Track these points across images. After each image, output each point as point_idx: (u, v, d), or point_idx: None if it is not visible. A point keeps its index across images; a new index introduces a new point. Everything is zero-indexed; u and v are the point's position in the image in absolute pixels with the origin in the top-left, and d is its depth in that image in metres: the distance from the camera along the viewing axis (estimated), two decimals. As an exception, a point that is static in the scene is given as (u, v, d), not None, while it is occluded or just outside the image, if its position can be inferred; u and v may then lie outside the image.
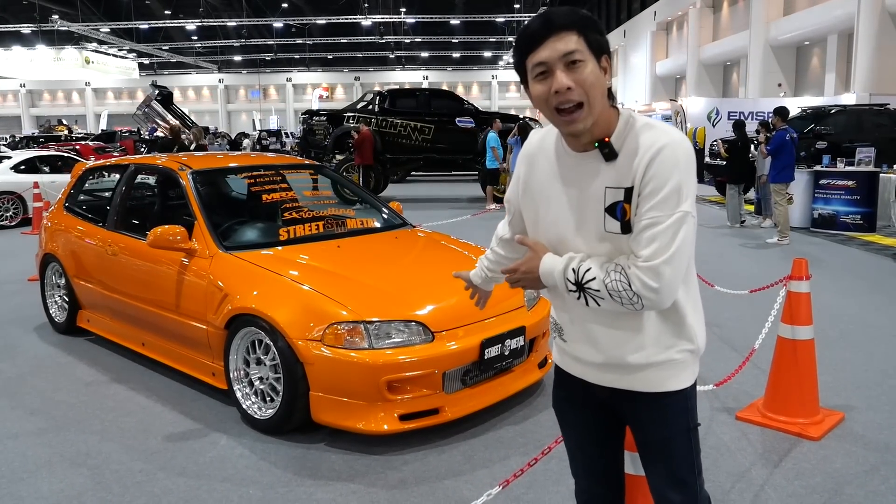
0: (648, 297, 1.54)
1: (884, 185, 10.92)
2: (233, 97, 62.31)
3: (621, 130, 1.60)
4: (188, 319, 4.18)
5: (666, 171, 1.53)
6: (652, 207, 1.53)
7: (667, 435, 1.75)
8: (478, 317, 3.76)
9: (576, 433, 1.93)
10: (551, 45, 1.54)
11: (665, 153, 1.54)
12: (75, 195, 5.86)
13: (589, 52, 1.55)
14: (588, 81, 1.54)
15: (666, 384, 1.72)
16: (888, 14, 19.63)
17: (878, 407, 4.01)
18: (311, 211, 4.88)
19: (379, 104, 15.58)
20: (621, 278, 1.55)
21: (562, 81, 1.54)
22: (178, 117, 27.39)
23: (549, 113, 1.59)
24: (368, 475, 3.28)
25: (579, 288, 1.61)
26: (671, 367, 1.71)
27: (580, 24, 1.55)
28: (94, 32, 44.33)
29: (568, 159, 1.68)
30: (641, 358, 1.69)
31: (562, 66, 1.54)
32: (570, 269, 1.62)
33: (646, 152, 1.55)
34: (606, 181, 1.60)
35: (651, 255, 1.53)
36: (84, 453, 3.54)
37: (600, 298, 1.59)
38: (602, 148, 1.60)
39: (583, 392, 1.83)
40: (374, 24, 48.76)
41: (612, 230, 1.60)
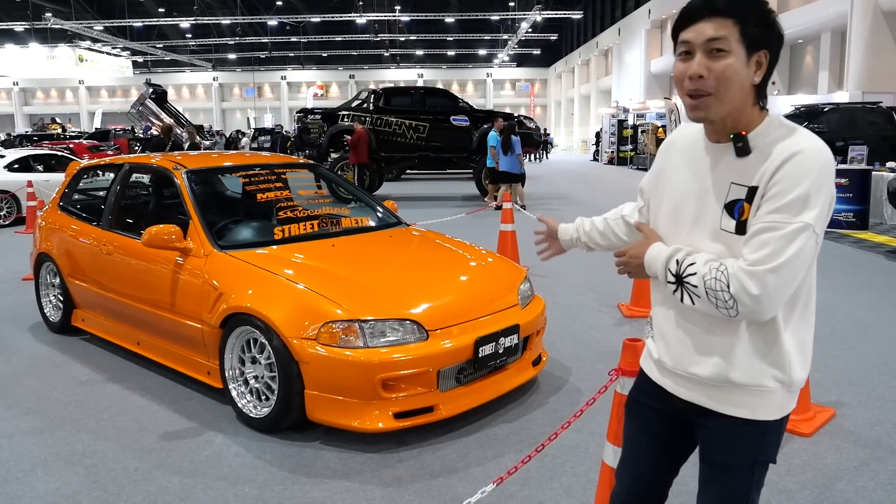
0: (745, 303, 1.46)
1: (876, 182, 10.98)
2: (227, 95, 62.17)
3: (762, 130, 1.54)
4: (183, 318, 4.19)
5: (796, 176, 1.45)
6: (772, 211, 1.46)
7: (730, 462, 1.65)
8: (472, 315, 3.80)
9: (638, 438, 1.85)
10: (701, 26, 1.50)
11: (800, 157, 1.46)
12: (70, 194, 5.86)
13: (740, 43, 1.49)
14: (725, 74, 1.49)
15: (746, 410, 1.61)
16: (881, 13, 19.69)
17: (869, 403, 4.04)
18: (306, 210, 4.89)
19: (374, 102, 15.60)
20: (721, 277, 1.48)
21: (695, 68, 1.50)
22: (172, 116, 27.36)
23: (681, 94, 1.57)
24: (363, 473, 3.30)
25: (678, 281, 1.56)
26: (757, 393, 1.60)
27: (742, 11, 1.49)
28: (87, 30, 44.13)
29: (701, 150, 1.64)
30: (725, 376, 1.60)
31: (703, 51, 1.50)
32: (674, 260, 1.57)
33: (780, 153, 1.48)
34: (733, 177, 1.55)
35: (758, 260, 1.45)
36: (79, 452, 3.55)
37: (696, 296, 1.53)
38: (737, 141, 1.54)
39: (661, 400, 1.76)
40: (368, 22, 48.71)
41: (727, 228, 1.55)
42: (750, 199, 1.50)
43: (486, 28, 52.79)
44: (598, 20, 46.57)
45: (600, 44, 44.14)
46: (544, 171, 26.89)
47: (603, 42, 43.53)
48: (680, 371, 1.68)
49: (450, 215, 9.67)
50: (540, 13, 40.03)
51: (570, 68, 52.36)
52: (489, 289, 4.13)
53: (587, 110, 47.37)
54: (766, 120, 1.56)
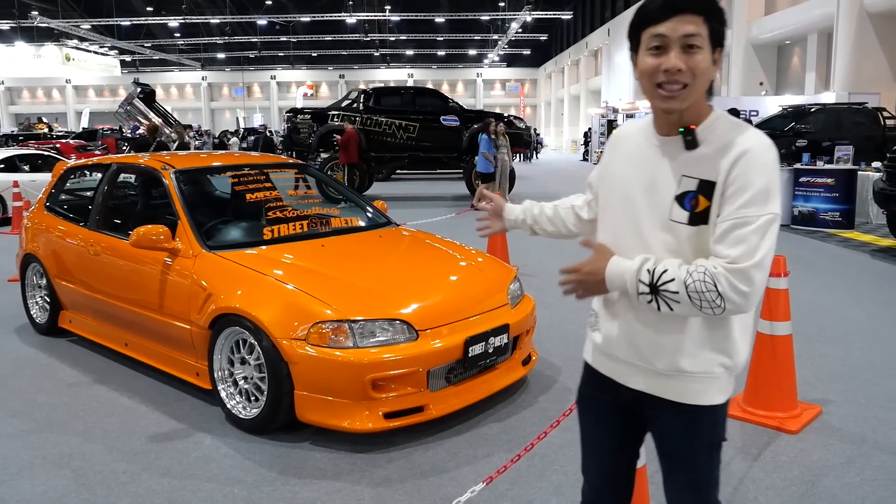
0: (735, 300, 1.49)
1: (862, 182, 11.07)
2: (216, 95, 61.89)
3: (709, 123, 1.61)
4: (172, 319, 4.17)
5: (755, 171, 1.51)
6: (740, 207, 1.51)
7: (692, 448, 1.70)
8: (462, 315, 3.80)
9: (595, 433, 1.87)
10: (677, 22, 1.54)
11: (755, 153, 1.53)
12: (56, 195, 5.82)
13: (708, 39, 1.56)
14: (699, 68, 1.55)
15: (698, 397, 1.66)
16: (866, 14, 19.85)
17: (855, 400, 4.08)
18: (296, 210, 4.88)
19: (364, 102, 15.58)
20: (706, 279, 1.49)
21: (674, 62, 1.54)
22: (160, 115, 27.23)
23: (650, 86, 1.60)
24: (353, 473, 3.30)
25: (653, 290, 1.55)
26: (706, 380, 1.66)
27: (709, 10, 1.55)
28: (74, 29, 43.88)
29: (648, 143, 1.68)
30: (677, 366, 1.64)
31: (679, 46, 1.54)
32: (645, 270, 1.57)
33: (735, 150, 1.54)
34: (683, 169, 1.60)
35: (739, 258, 1.48)
36: (67, 455, 3.53)
37: (675, 302, 1.53)
38: (686, 134, 1.59)
39: (609, 391, 1.78)
40: (358, 22, 48.66)
41: (678, 219, 1.59)
42: (706, 193, 1.56)
43: (476, 28, 52.84)
44: (587, 21, 46.67)
45: (590, 44, 44.24)
46: (534, 171, 26.94)
47: (592, 42, 43.63)
48: (632, 361, 1.71)
49: (439, 215, 9.68)
50: (530, 13, 40.11)
51: (560, 68, 52.46)
52: (479, 288, 4.14)
53: (577, 110, 47.47)
54: (713, 115, 1.62)
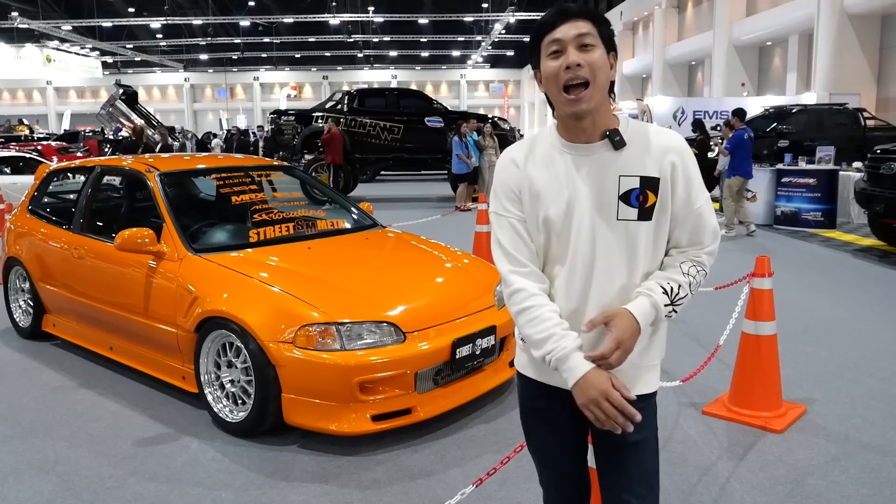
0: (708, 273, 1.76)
1: (843, 182, 11.20)
2: (199, 96, 61.51)
3: (624, 126, 1.72)
4: (157, 323, 4.14)
5: (692, 165, 1.71)
6: (692, 198, 1.71)
7: (644, 436, 1.75)
8: (449, 317, 3.81)
9: (550, 443, 1.88)
10: (568, 25, 1.66)
11: (686, 149, 1.72)
12: (39, 197, 5.76)
13: (600, 40, 1.67)
14: (597, 63, 1.65)
15: (647, 386, 1.78)
16: (846, 16, 20.09)
17: (839, 399, 4.12)
18: (282, 212, 4.86)
19: (348, 104, 15.55)
20: (700, 269, 1.73)
21: (573, 57, 1.64)
22: (143, 117, 27.00)
23: (556, 92, 1.67)
24: (341, 476, 3.29)
25: (672, 305, 1.70)
26: (651, 369, 1.79)
27: (594, 16, 1.69)
28: (55, 30, 43.42)
29: (568, 155, 1.72)
30: (630, 361, 1.69)
31: (574, 45, 1.65)
32: (659, 296, 1.69)
33: (668, 148, 1.70)
34: (619, 170, 1.68)
35: (711, 240, 1.75)
36: (52, 460, 3.49)
37: (682, 306, 1.72)
38: (612, 136, 1.68)
39: (556, 398, 1.78)
40: (341, 23, 48.50)
41: (627, 217, 1.68)
42: (652, 188, 1.68)
43: (459, 29, 52.82)
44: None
45: (573, 45, 44.39)
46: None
47: (576, 43, 43.79)
48: None
49: (425, 216, 9.68)
50: (513, 14, 40.18)
51: (544, 69, 52.57)
52: (465, 290, 4.14)
53: (561, 111, 47.59)
54: (621, 117, 1.75)
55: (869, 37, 20.46)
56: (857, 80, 19.97)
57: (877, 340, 5.24)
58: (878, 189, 8.42)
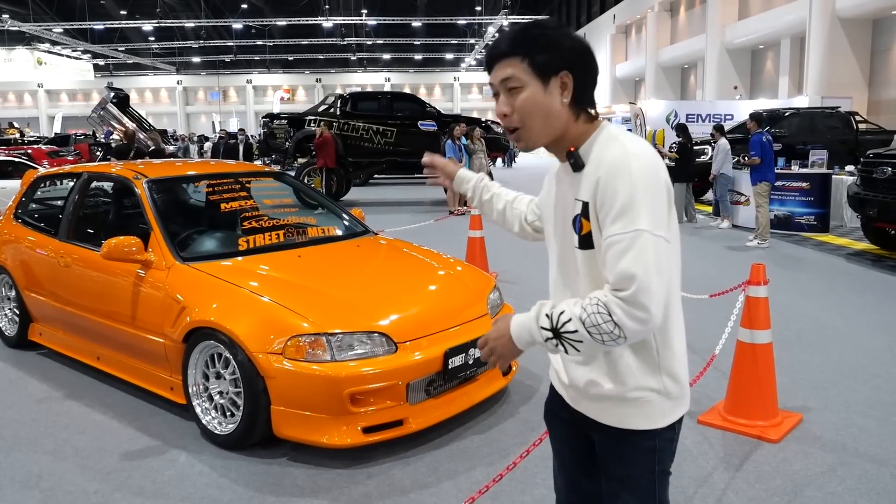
0: (632, 328, 1.41)
1: (836, 186, 11.20)
2: (192, 99, 61.36)
3: (589, 143, 1.57)
4: (145, 333, 4.08)
5: (618, 184, 1.44)
6: (609, 225, 1.45)
7: (628, 473, 1.66)
8: (441, 326, 3.75)
9: (560, 450, 1.86)
10: (496, 70, 1.60)
11: (617, 164, 1.46)
12: (26, 203, 5.69)
13: (533, 75, 1.54)
14: (524, 108, 1.56)
15: (630, 421, 1.61)
16: (838, 19, 20.17)
17: (835, 408, 4.09)
18: (272, 220, 4.80)
19: (341, 107, 15.49)
20: (599, 310, 1.42)
21: (499, 107, 1.61)
22: (135, 120, 26.89)
23: None
24: (332, 490, 3.23)
25: (556, 335, 1.48)
26: (635, 404, 1.60)
27: (526, 47, 1.54)
28: (46, 33, 43.22)
29: (559, 170, 1.70)
30: (601, 390, 1.61)
31: (503, 90, 1.59)
32: (543, 316, 1.50)
33: (600, 165, 1.50)
34: (575, 192, 1.58)
35: (617, 282, 1.41)
36: (36, 475, 3.42)
37: (578, 342, 1.46)
38: (569, 157, 1.59)
39: (564, 408, 1.77)
40: (335, 26, 48.48)
41: (574, 244, 1.58)
42: (586, 214, 1.53)
43: (452, 32, 52.86)
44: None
45: (566, 48, 44.47)
46: (512, 175, 26.96)
47: (568, 46, 43.87)
48: (567, 383, 1.72)
49: (418, 222, 9.63)
50: (506, 17, 40.21)
51: (537, 72, 52.66)
52: (458, 299, 4.09)
53: (554, 114, 47.68)
54: (595, 132, 1.58)
55: (860, 40, 20.55)
56: (848, 84, 20.05)
57: (871, 347, 5.21)
58: (872, 193, 8.41)
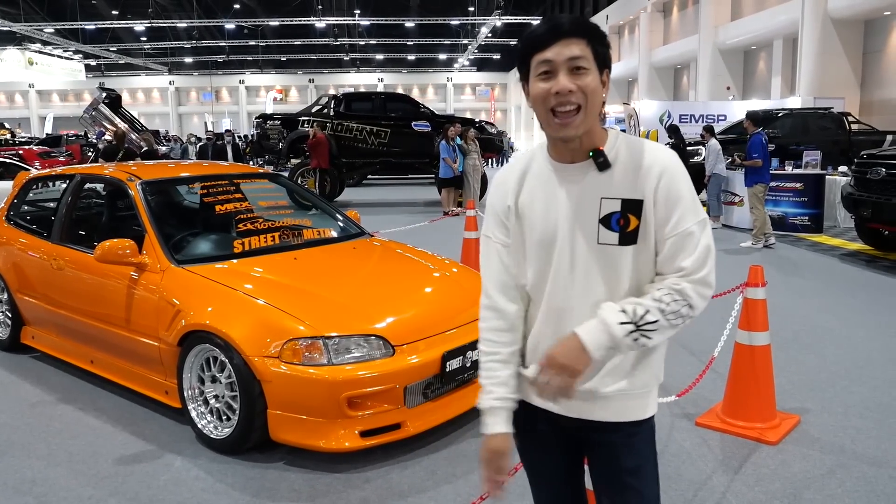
0: (700, 306, 1.57)
1: (829, 186, 11.24)
2: (184, 100, 61.13)
3: (612, 143, 1.62)
4: (139, 336, 4.04)
5: (680, 184, 1.57)
6: (678, 220, 1.56)
7: (639, 463, 1.70)
8: (438, 328, 3.73)
9: (540, 466, 1.85)
10: (559, 47, 1.55)
11: (675, 167, 1.59)
12: (18, 206, 5.64)
13: (593, 62, 1.57)
14: (589, 87, 1.55)
15: (640, 412, 1.69)
16: (830, 20, 20.24)
17: (832, 409, 4.09)
18: (267, 222, 4.76)
19: (334, 108, 15.45)
20: (677, 298, 1.54)
21: (564, 83, 1.54)
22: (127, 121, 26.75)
23: (544, 114, 1.58)
24: (329, 495, 3.20)
25: (637, 330, 1.54)
26: (644, 395, 1.69)
27: (590, 33, 1.57)
28: (37, 33, 42.99)
29: (556, 173, 1.65)
30: (617, 387, 1.65)
31: (566, 69, 1.55)
32: (618, 314, 1.54)
33: (653, 167, 1.57)
34: (601, 192, 1.59)
35: (696, 267, 1.55)
36: (29, 480, 3.38)
37: (654, 332, 1.55)
38: (597, 157, 1.59)
39: (547, 423, 1.74)
40: (328, 26, 48.39)
41: (607, 241, 1.58)
42: (634, 211, 1.57)
43: (446, 32, 52.85)
44: (556, 25, 46.97)
45: (559, 49, 44.52)
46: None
47: (562, 47, 43.92)
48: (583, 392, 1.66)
49: (413, 223, 9.61)
50: (500, 18, 40.24)
51: (530, 73, 52.69)
52: (455, 301, 4.07)
53: (547, 114, 47.71)
54: (612, 135, 1.63)
55: (852, 41, 20.62)
56: (840, 84, 20.12)
57: (868, 347, 5.21)
58: (866, 194, 8.43)
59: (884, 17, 19.74)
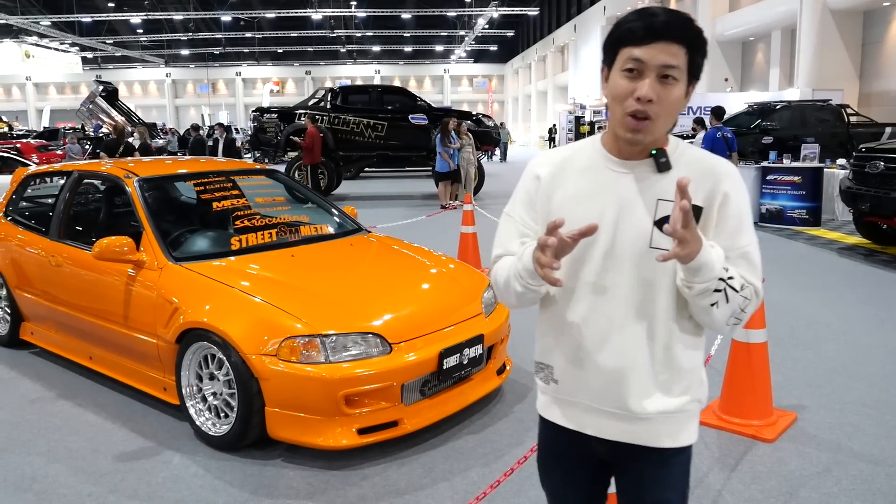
0: (746, 321, 1.54)
1: (828, 180, 11.24)
2: (181, 92, 60.96)
3: (673, 147, 1.57)
4: (137, 333, 4.05)
5: (741, 199, 1.54)
6: (737, 234, 1.52)
7: (669, 496, 1.62)
8: (435, 326, 3.74)
9: (564, 491, 1.76)
10: (656, 49, 1.44)
11: (738, 181, 1.54)
12: (16, 202, 5.63)
13: (685, 73, 1.48)
14: (669, 104, 1.47)
15: (677, 438, 1.59)
16: (829, 11, 20.18)
17: (829, 406, 4.10)
18: (264, 218, 4.76)
19: (331, 101, 15.42)
20: (747, 288, 1.50)
21: (647, 91, 1.44)
22: (123, 114, 26.70)
23: (619, 111, 1.49)
24: (327, 492, 3.22)
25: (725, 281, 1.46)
26: (684, 419, 1.59)
27: (693, 42, 1.47)
28: (33, 25, 42.75)
29: (607, 168, 1.57)
30: (655, 408, 1.56)
31: (654, 74, 1.45)
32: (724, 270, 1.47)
33: (718, 177, 1.52)
34: (658, 193, 1.52)
35: (759, 284, 1.53)
36: (29, 477, 3.39)
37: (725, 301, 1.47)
38: (658, 157, 1.52)
39: (575, 445, 1.67)
40: (324, 18, 48.18)
41: (661, 245, 1.49)
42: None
43: (442, 24, 52.69)
44: (553, 16, 46.84)
45: (556, 40, 44.41)
46: (503, 168, 26.94)
47: (559, 38, 43.81)
48: (601, 406, 1.59)
49: (410, 217, 9.61)
50: (496, 9, 40.08)
51: (527, 64, 52.59)
52: (452, 298, 4.07)
53: (544, 106, 47.64)
54: (672, 139, 1.59)
55: (851, 32, 20.56)
56: (839, 76, 20.07)
57: (865, 343, 5.22)
58: (864, 188, 8.43)
59: (883, 7, 19.69)
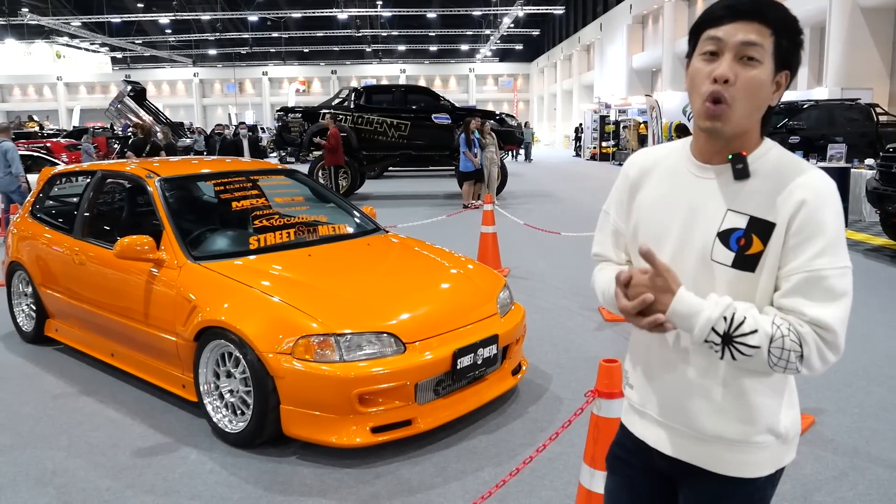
0: (816, 368, 1.33)
1: (855, 180, 11.07)
2: (208, 91, 61.60)
3: (761, 153, 1.41)
4: (157, 330, 4.12)
5: (824, 214, 1.33)
6: (814, 257, 1.33)
7: None
8: (450, 326, 3.76)
9: (618, 494, 1.68)
10: (736, 28, 1.34)
11: (824, 195, 1.34)
12: (42, 201, 5.75)
13: (771, 56, 1.35)
14: (750, 85, 1.34)
15: (740, 469, 1.46)
16: (859, 9, 19.84)
17: (848, 409, 4.05)
18: (283, 218, 4.81)
19: (355, 101, 15.50)
20: (793, 338, 1.30)
21: (724, 69, 1.33)
22: (151, 113, 27.08)
23: (696, 98, 1.39)
24: (340, 490, 3.25)
25: (725, 341, 1.32)
26: (751, 450, 1.45)
27: (779, 22, 1.34)
28: (64, 26, 43.55)
29: (687, 171, 1.47)
30: (717, 431, 1.45)
31: (734, 53, 1.34)
32: (722, 319, 1.32)
33: (801, 190, 1.34)
34: (730, 203, 1.39)
35: (831, 322, 1.31)
36: (50, 471, 3.47)
37: (748, 357, 1.32)
38: (736, 162, 1.39)
39: (640, 455, 1.60)
40: (350, 18, 48.42)
41: (721, 260, 1.38)
42: (760, 234, 1.36)
43: (467, 23, 52.66)
44: (579, 15, 46.58)
45: (582, 39, 44.18)
46: (527, 168, 26.88)
47: (585, 37, 43.57)
48: (668, 422, 1.52)
49: (431, 216, 9.63)
50: (522, 8, 39.97)
51: (553, 63, 52.37)
52: (468, 298, 4.09)
53: (570, 105, 47.41)
54: (765, 145, 1.43)
55: (882, 30, 20.20)
56: (869, 75, 19.72)
57: (887, 347, 5.14)
58: (891, 188, 8.30)
59: (915, 5, 19.33)
